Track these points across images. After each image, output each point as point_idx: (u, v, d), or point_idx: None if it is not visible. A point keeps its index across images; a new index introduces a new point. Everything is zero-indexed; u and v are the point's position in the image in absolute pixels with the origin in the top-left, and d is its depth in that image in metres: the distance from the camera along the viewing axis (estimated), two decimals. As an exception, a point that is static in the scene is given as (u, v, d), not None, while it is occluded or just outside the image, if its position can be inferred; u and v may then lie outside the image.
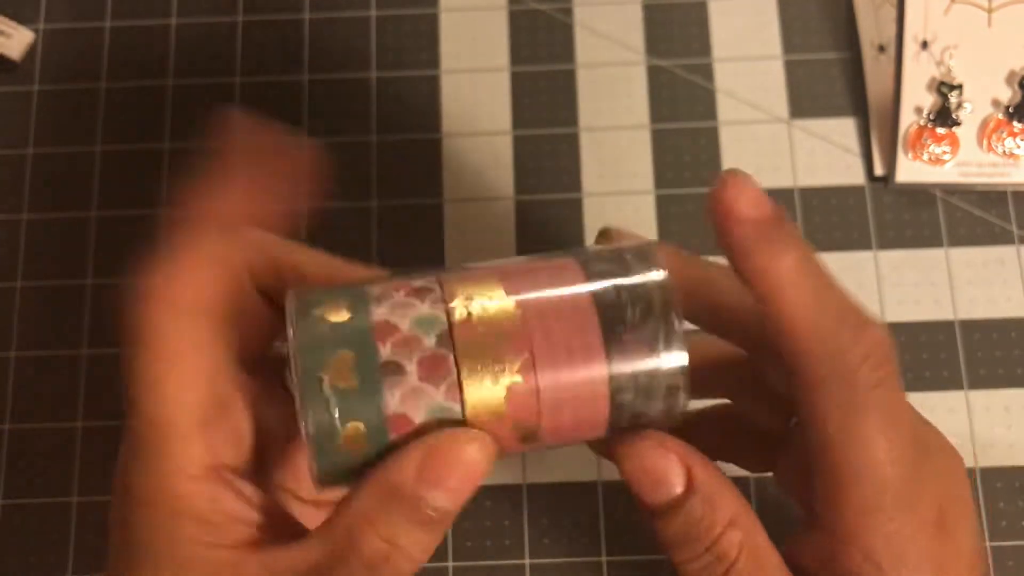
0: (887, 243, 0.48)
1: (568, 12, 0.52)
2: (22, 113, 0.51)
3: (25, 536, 0.45)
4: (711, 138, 0.49)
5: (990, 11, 0.48)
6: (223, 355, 0.28)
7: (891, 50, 0.49)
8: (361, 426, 0.25)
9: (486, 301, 0.26)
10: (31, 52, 0.51)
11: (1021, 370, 0.46)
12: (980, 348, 0.46)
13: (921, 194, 0.48)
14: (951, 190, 0.48)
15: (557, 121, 0.50)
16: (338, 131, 0.50)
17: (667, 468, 0.28)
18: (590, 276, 0.28)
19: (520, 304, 0.27)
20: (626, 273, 0.28)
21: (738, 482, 0.44)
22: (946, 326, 0.46)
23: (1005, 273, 0.47)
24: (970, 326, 0.46)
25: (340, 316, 0.26)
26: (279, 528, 0.28)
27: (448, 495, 0.25)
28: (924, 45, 0.48)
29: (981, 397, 0.45)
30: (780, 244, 0.27)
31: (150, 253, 0.28)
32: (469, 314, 0.26)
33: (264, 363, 0.31)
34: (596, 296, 0.27)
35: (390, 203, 0.49)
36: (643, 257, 0.28)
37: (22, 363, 0.47)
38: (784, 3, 0.51)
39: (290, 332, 0.26)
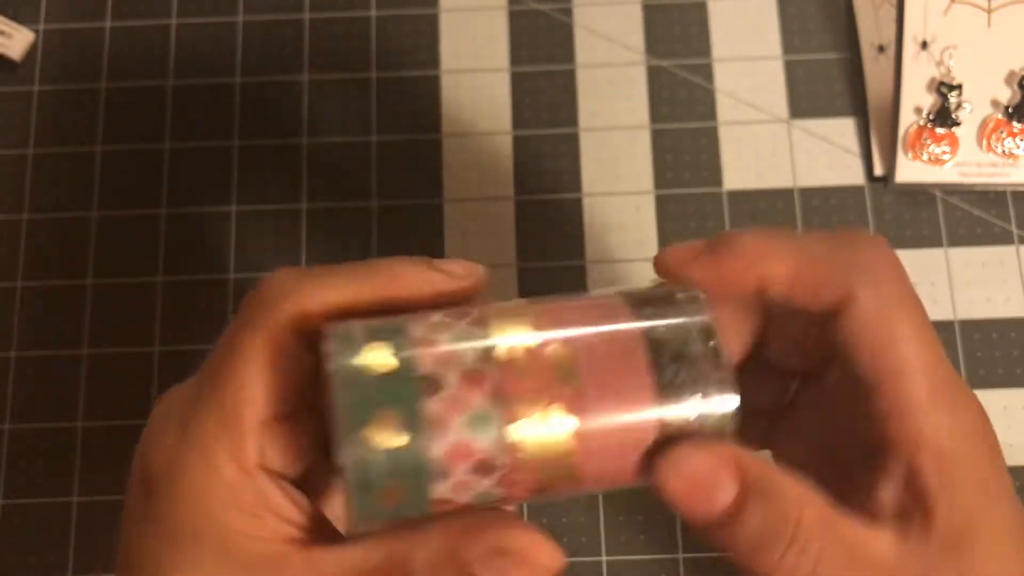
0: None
1: (568, 12, 0.52)
2: (22, 113, 0.51)
3: (25, 536, 0.45)
4: (711, 138, 0.49)
5: (990, 11, 0.48)
6: (297, 386, 0.28)
7: (891, 50, 0.49)
8: (402, 481, 0.25)
9: (533, 342, 0.26)
10: (31, 52, 0.51)
11: (1020, 370, 0.46)
12: (979, 348, 0.46)
13: (921, 194, 0.48)
14: (951, 190, 0.48)
15: (557, 121, 0.50)
16: (338, 131, 0.50)
17: (715, 470, 0.26)
18: (639, 317, 0.27)
19: (571, 345, 0.26)
20: (675, 314, 0.27)
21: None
22: (945, 326, 0.46)
23: (1005, 273, 0.47)
24: (969, 326, 0.46)
25: (384, 364, 0.25)
26: (322, 533, 0.28)
27: None
28: (924, 45, 0.48)
29: (980, 397, 0.45)
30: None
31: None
32: (516, 356, 0.26)
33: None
34: (647, 338, 0.26)
35: (390, 203, 0.49)
36: (692, 299, 0.27)
37: (22, 363, 0.47)
38: (784, 3, 0.51)
39: (334, 385, 0.25)
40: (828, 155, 0.49)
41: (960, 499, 0.26)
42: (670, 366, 0.26)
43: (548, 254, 0.48)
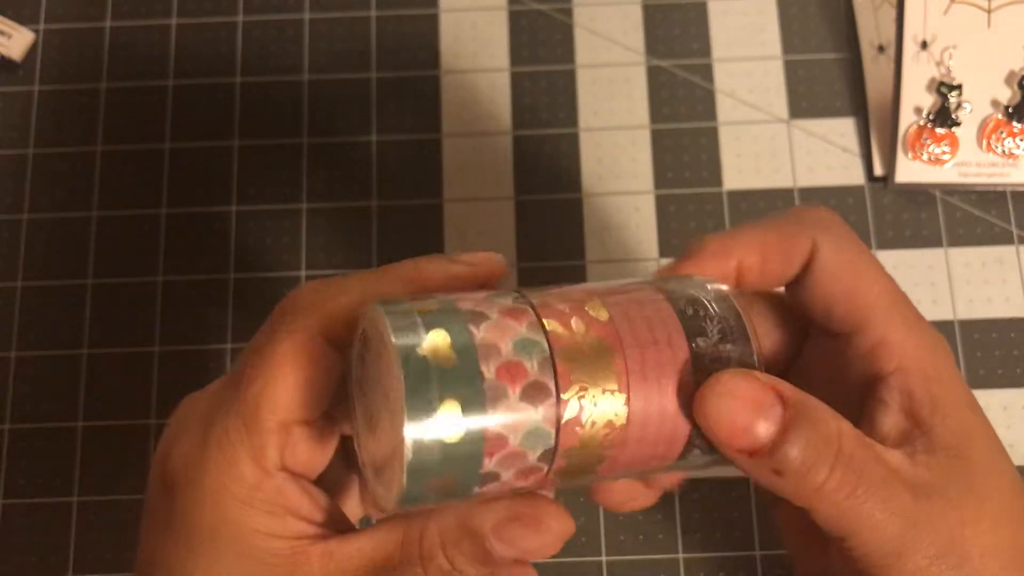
0: (886, 243, 0.48)
1: (568, 12, 0.52)
2: (22, 113, 0.51)
3: (25, 536, 0.45)
4: (711, 138, 0.49)
5: (990, 11, 0.48)
6: (320, 390, 0.29)
7: (891, 50, 0.49)
8: (455, 467, 0.25)
9: (585, 325, 0.26)
10: (31, 52, 0.51)
11: (1020, 370, 0.46)
12: (979, 348, 0.46)
13: (920, 194, 0.48)
14: (950, 190, 0.48)
15: (557, 121, 0.50)
16: (338, 131, 0.50)
17: (760, 394, 0.27)
18: (677, 307, 0.28)
19: (616, 332, 0.26)
20: (710, 303, 0.28)
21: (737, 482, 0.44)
22: (945, 326, 0.46)
23: (1004, 273, 0.47)
24: (969, 326, 0.46)
25: (444, 349, 0.25)
26: (338, 527, 0.29)
27: (512, 551, 0.27)
28: (924, 45, 0.48)
29: (980, 397, 0.44)
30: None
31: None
32: (569, 336, 0.26)
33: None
34: (685, 325, 0.27)
35: (390, 203, 0.49)
36: (720, 293, 0.29)
37: (22, 363, 0.47)
38: (784, 3, 0.51)
39: (395, 368, 0.24)
40: (828, 155, 0.49)
41: (951, 419, 0.29)
42: (706, 355, 0.27)
43: (548, 254, 0.48)
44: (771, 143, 0.49)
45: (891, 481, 0.27)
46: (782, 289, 0.32)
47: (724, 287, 0.29)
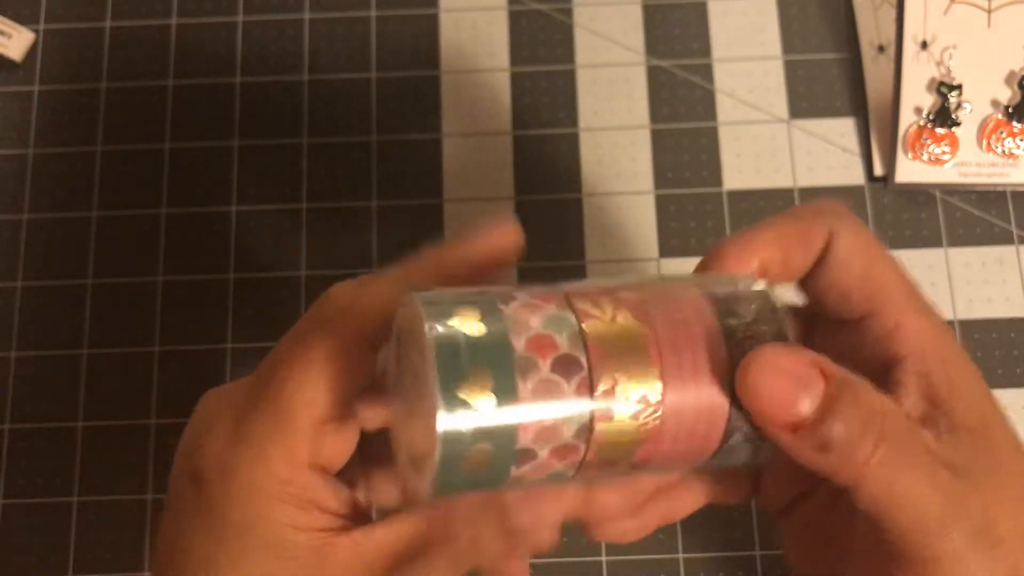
0: (886, 243, 0.47)
1: (568, 12, 0.52)
2: (22, 113, 0.51)
3: (25, 536, 0.45)
4: (711, 138, 0.49)
5: (990, 11, 0.49)
6: (352, 390, 0.30)
7: (891, 50, 0.49)
8: (489, 450, 0.25)
9: (610, 305, 0.26)
10: (31, 52, 0.51)
11: (1020, 370, 0.46)
12: (979, 348, 0.46)
13: (920, 194, 0.48)
14: (950, 190, 0.48)
15: (557, 121, 0.50)
16: (338, 131, 0.50)
17: (804, 367, 0.26)
18: (707, 291, 0.28)
19: (647, 314, 0.26)
20: (739, 289, 0.28)
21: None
22: (946, 326, 0.46)
23: (1004, 273, 0.47)
24: (969, 326, 0.46)
25: (476, 330, 0.25)
26: (361, 519, 0.30)
27: (533, 519, 0.29)
28: (924, 45, 0.48)
29: (981, 397, 0.45)
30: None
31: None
32: (601, 327, 0.26)
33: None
34: (717, 306, 0.27)
35: (390, 202, 0.49)
36: (749, 280, 0.29)
37: (22, 363, 0.47)
38: (784, 3, 0.51)
39: (428, 352, 0.24)
40: (828, 155, 0.49)
41: (969, 402, 0.29)
42: (733, 312, 0.27)
43: (548, 254, 0.48)
44: (771, 143, 0.49)
45: (932, 458, 0.27)
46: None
47: (751, 276, 0.29)
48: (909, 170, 0.48)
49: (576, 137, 0.50)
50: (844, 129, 0.49)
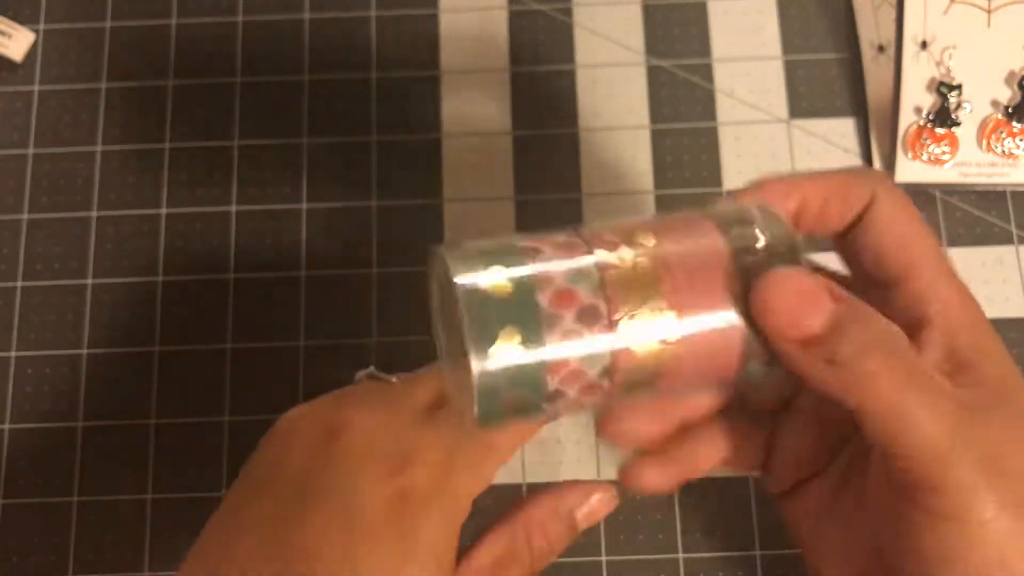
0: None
1: (568, 12, 0.52)
2: (22, 113, 0.51)
3: (25, 536, 0.45)
4: (711, 138, 0.49)
5: (989, 11, 0.49)
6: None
7: (891, 50, 0.49)
8: (521, 389, 0.27)
9: (634, 252, 0.28)
10: (31, 52, 0.51)
11: (1020, 370, 0.46)
12: (979, 348, 0.46)
13: (920, 194, 0.48)
14: (950, 190, 0.48)
15: (557, 122, 0.50)
16: (338, 131, 0.50)
17: (814, 285, 0.28)
18: (724, 230, 0.29)
19: (663, 255, 0.28)
20: (756, 226, 0.29)
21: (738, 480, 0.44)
22: (945, 326, 0.46)
23: (1004, 273, 0.47)
24: (969, 326, 0.46)
25: (502, 284, 0.27)
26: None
27: (591, 519, 0.34)
28: (923, 45, 0.48)
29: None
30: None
31: None
32: (618, 263, 0.28)
33: None
34: (733, 243, 0.28)
35: (390, 203, 0.49)
36: (770, 213, 0.30)
37: (22, 363, 0.47)
38: (784, 3, 0.51)
39: (460, 305, 0.27)
40: (828, 155, 0.49)
41: (994, 362, 0.30)
42: (749, 248, 0.29)
43: (548, 254, 0.48)
44: (771, 143, 0.49)
45: (938, 385, 0.28)
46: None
47: (770, 206, 0.30)
48: (909, 170, 0.48)
49: (576, 137, 0.50)
50: (844, 129, 0.49)
